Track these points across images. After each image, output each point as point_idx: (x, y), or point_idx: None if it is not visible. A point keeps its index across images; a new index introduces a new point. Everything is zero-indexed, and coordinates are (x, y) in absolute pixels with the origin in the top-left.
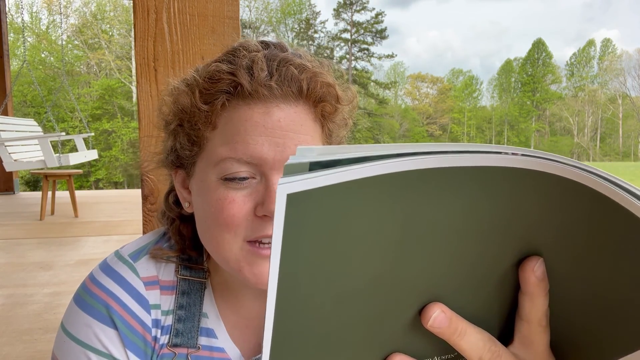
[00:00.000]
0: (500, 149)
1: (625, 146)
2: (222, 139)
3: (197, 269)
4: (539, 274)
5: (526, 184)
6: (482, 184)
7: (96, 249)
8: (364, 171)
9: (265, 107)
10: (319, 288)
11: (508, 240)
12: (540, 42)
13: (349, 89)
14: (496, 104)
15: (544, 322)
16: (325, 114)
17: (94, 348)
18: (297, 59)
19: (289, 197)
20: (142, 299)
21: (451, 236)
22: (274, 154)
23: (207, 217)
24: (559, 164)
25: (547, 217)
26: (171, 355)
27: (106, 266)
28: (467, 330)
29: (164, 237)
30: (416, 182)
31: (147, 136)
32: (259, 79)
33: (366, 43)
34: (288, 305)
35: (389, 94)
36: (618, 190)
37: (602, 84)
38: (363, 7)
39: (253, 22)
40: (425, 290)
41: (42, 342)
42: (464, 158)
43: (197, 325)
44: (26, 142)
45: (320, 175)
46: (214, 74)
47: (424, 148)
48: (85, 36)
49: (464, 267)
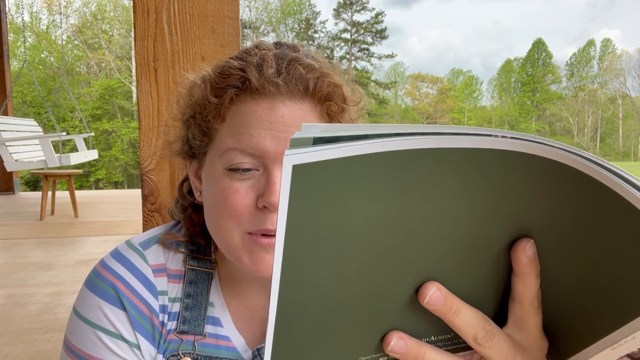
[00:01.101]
0: (491, 132)
1: (625, 146)
2: (229, 130)
3: (205, 259)
4: (529, 254)
5: (516, 166)
6: (476, 166)
7: (96, 249)
8: (364, 148)
9: (270, 102)
10: (321, 262)
11: (501, 221)
12: (540, 42)
13: (357, 90)
14: (496, 104)
15: (535, 303)
16: (331, 114)
17: (104, 328)
18: (306, 59)
19: (294, 167)
20: (150, 284)
21: (447, 217)
22: (276, 147)
23: (212, 206)
24: (544, 146)
25: (536, 198)
26: (178, 342)
27: (117, 253)
28: (461, 309)
29: (175, 227)
30: (414, 161)
31: (148, 137)
32: (267, 76)
33: (366, 43)
34: (293, 278)
35: (389, 94)
36: (602, 171)
37: (602, 84)
38: (363, 7)
39: (253, 22)
40: (422, 270)
41: (42, 342)
42: (459, 139)
43: (203, 313)
44: (27, 142)
45: (323, 149)
46: (225, 69)
47: (422, 129)
48: (85, 36)
49: (460, 248)
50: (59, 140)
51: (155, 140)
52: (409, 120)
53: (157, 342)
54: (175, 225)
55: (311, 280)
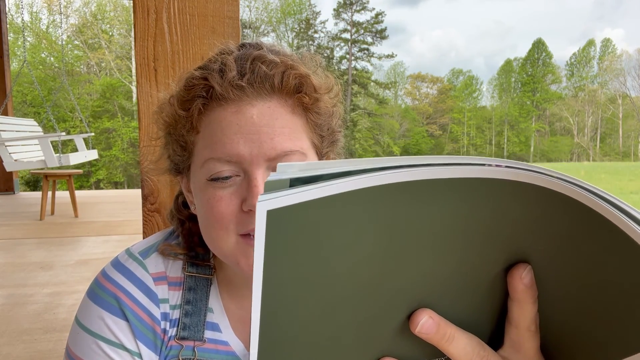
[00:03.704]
0: (484, 161)
1: (625, 146)
2: (204, 141)
3: (204, 265)
4: (526, 282)
5: (510, 194)
6: (465, 195)
7: (96, 249)
8: (345, 185)
9: (237, 106)
10: (304, 297)
11: (495, 247)
12: (540, 42)
13: (327, 77)
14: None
15: (532, 328)
16: (304, 105)
17: (106, 338)
18: (269, 56)
19: (269, 213)
20: (151, 293)
21: (437, 244)
22: (250, 150)
23: (202, 217)
24: (544, 176)
25: (534, 226)
26: (179, 348)
27: (117, 263)
28: (455, 336)
29: (172, 235)
30: (399, 193)
31: (148, 142)
32: (229, 80)
33: (366, 43)
34: (273, 316)
35: (389, 94)
36: (598, 200)
37: (602, 84)
38: (363, 7)
39: (253, 22)
40: (414, 297)
41: (42, 342)
42: (450, 170)
43: (203, 319)
44: (26, 142)
45: (300, 191)
46: (188, 81)
47: (409, 161)
48: (85, 36)
49: (452, 273)
50: (59, 140)
51: (154, 148)
52: (409, 120)
53: (159, 349)
54: (173, 232)
55: (294, 314)
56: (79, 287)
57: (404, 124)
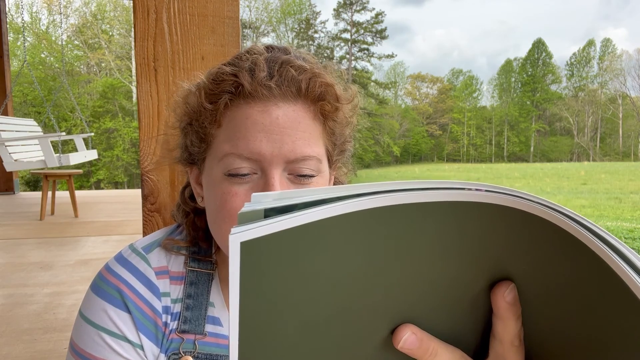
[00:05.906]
0: (464, 185)
1: (625, 146)
2: (226, 136)
3: (206, 261)
4: (509, 299)
5: (492, 217)
6: (447, 217)
7: (96, 249)
8: (320, 214)
9: (264, 105)
10: (282, 320)
11: (479, 266)
12: (540, 42)
13: (350, 88)
14: (496, 104)
15: (516, 343)
16: (325, 113)
17: (108, 330)
18: (298, 61)
19: (242, 245)
20: (153, 286)
21: (419, 264)
22: (272, 150)
23: (213, 210)
24: (524, 200)
25: (515, 247)
26: (179, 341)
27: (120, 257)
28: (438, 351)
29: (176, 231)
30: (376, 218)
31: (149, 141)
32: (259, 80)
33: (366, 43)
34: (251, 344)
35: (389, 94)
36: (577, 227)
37: (602, 84)
38: (363, 7)
39: (253, 22)
40: (396, 314)
41: (42, 342)
42: (430, 194)
43: (204, 313)
44: (26, 142)
45: (275, 221)
46: (218, 76)
47: (384, 187)
48: (85, 36)
49: (435, 292)
50: (59, 140)
51: (156, 140)
52: (409, 120)
53: (160, 341)
54: (177, 228)
55: (274, 344)
56: (79, 287)
57: (404, 124)
